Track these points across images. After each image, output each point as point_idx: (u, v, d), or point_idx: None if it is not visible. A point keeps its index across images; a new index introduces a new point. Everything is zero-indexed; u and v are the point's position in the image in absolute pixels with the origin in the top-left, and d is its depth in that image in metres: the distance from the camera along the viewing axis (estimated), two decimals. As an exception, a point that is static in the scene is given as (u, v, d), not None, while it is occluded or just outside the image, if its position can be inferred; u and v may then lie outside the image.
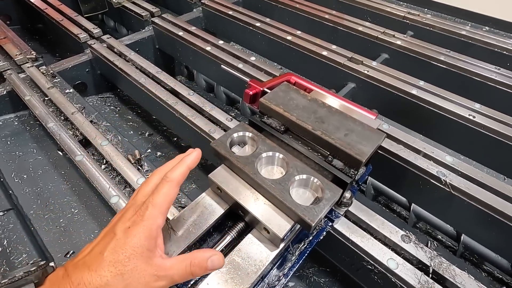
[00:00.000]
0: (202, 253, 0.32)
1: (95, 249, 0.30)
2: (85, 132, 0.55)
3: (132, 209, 0.32)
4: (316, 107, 0.39)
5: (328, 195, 0.32)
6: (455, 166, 0.50)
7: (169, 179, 0.32)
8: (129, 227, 0.30)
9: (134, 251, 0.29)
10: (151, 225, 0.30)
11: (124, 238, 0.30)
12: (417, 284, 0.36)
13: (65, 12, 0.88)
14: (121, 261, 0.29)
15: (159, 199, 0.31)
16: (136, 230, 0.30)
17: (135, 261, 0.29)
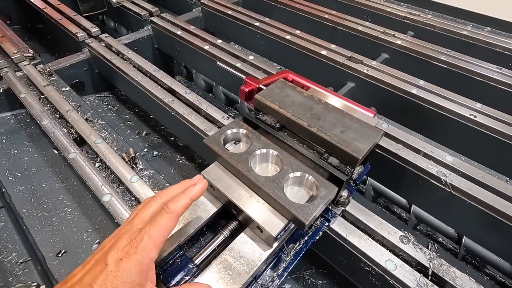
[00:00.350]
0: None
1: (85, 279, 0.29)
2: (79, 130, 0.55)
3: (127, 236, 0.30)
4: (312, 104, 0.38)
5: (323, 193, 0.31)
6: (456, 166, 0.48)
7: (169, 210, 0.31)
8: (121, 258, 0.29)
9: (124, 286, 0.28)
10: (144, 259, 0.29)
11: (115, 271, 0.28)
12: (416, 287, 0.35)
13: (64, 11, 0.88)
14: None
15: (156, 231, 0.30)
16: (128, 263, 0.29)
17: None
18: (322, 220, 0.39)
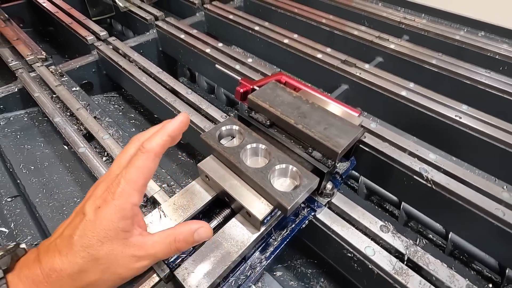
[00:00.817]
0: (188, 226, 0.30)
1: (66, 232, 0.27)
2: (88, 126, 0.59)
3: (104, 184, 0.28)
4: (300, 104, 0.42)
5: (305, 182, 0.35)
6: (438, 163, 0.52)
7: (145, 149, 0.28)
8: (99, 206, 0.27)
9: (107, 234, 0.26)
10: (124, 204, 0.27)
11: (94, 219, 0.26)
12: (392, 270, 0.39)
13: (74, 15, 0.93)
14: (93, 245, 0.26)
15: (133, 174, 0.27)
16: (107, 210, 0.26)
17: (110, 245, 0.26)
18: (308, 210, 0.43)
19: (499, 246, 0.49)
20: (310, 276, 0.55)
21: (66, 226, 0.28)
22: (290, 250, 0.58)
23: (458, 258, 0.67)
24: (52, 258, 0.26)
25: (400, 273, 0.38)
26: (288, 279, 0.53)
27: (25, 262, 0.27)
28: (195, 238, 0.30)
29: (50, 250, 0.27)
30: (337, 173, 0.48)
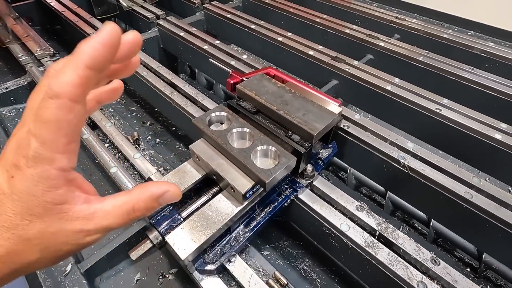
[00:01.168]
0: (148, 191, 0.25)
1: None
2: (92, 116, 0.64)
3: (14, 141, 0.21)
4: (283, 93, 0.46)
5: (283, 161, 0.39)
6: (415, 151, 0.55)
7: (52, 92, 0.19)
8: (12, 176, 0.20)
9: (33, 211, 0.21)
10: (45, 172, 0.20)
11: (11, 193, 0.20)
12: (363, 243, 0.43)
13: (80, 14, 0.99)
14: (17, 225, 0.21)
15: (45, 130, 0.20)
16: (23, 182, 0.20)
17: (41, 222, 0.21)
18: (291, 190, 0.47)
19: (471, 229, 0.53)
20: (295, 256, 0.59)
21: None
22: (278, 232, 0.62)
23: (441, 246, 0.70)
24: None
25: (370, 246, 0.42)
26: (274, 258, 0.57)
27: None
28: (160, 203, 0.25)
29: None
30: (319, 159, 0.52)
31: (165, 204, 0.26)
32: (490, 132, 0.60)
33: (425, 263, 0.40)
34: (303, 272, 0.56)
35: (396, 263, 0.41)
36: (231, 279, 0.40)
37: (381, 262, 0.41)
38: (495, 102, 0.71)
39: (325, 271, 0.56)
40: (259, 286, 0.38)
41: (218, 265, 0.38)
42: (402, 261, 0.41)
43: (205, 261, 0.39)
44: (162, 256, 0.53)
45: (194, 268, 0.38)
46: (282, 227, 0.63)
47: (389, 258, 0.41)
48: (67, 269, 0.43)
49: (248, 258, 0.43)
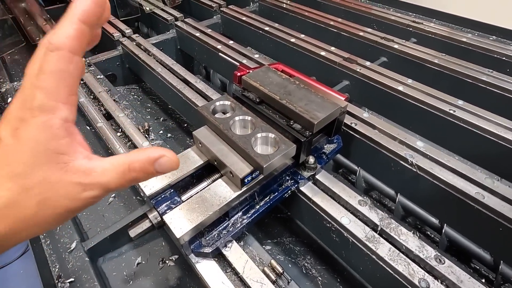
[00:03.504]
0: (145, 153, 0.25)
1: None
2: (107, 107, 0.67)
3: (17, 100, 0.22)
4: (287, 84, 0.47)
5: (282, 147, 0.39)
6: (425, 150, 0.54)
7: (52, 46, 0.21)
8: (17, 127, 0.22)
9: (36, 158, 0.22)
10: (50, 121, 0.22)
11: (15, 143, 0.22)
12: (364, 237, 0.41)
13: (105, 16, 1.04)
14: (20, 174, 0.21)
15: (48, 81, 0.21)
16: (29, 130, 0.21)
17: (42, 171, 0.22)
18: (292, 182, 0.47)
19: (483, 233, 0.50)
20: (297, 253, 0.58)
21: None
22: (281, 228, 0.61)
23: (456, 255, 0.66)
24: None
25: (371, 240, 0.41)
26: (275, 253, 0.57)
27: None
28: (156, 168, 0.25)
29: None
30: (324, 153, 0.52)
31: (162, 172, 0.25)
32: (507, 134, 0.57)
33: (428, 261, 0.39)
34: (304, 269, 0.55)
35: (397, 259, 0.39)
36: (227, 265, 0.40)
37: (381, 258, 0.40)
38: (515, 105, 0.68)
39: (327, 270, 0.55)
40: (254, 272, 0.38)
41: (214, 248, 0.39)
42: (404, 257, 0.39)
43: (201, 244, 0.39)
44: (163, 243, 0.54)
45: (191, 250, 0.39)
46: (285, 223, 0.62)
47: (390, 254, 0.40)
48: (72, 246, 0.45)
49: (245, 246, 0.43)
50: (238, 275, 0.38)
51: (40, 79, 0.21)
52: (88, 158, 0.24)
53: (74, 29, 0.22)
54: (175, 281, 0.49)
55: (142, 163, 0.25)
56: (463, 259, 0.65)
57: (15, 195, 0.21)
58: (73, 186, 0.23)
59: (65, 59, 0.22)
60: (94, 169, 0.24)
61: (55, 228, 0.21)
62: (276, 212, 0.63)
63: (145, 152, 0.25)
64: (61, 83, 0.22)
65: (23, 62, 1.03)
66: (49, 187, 0.22)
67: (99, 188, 0.24)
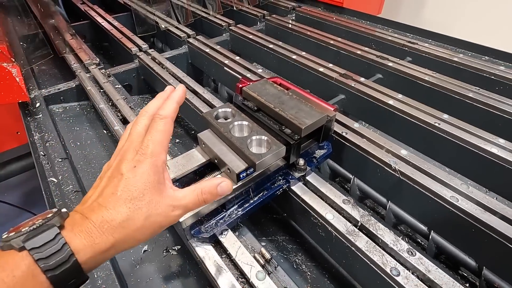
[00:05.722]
0: (211, 181, 0.35)
1: (106, 191, 0.30)
2: (124, 113, 0.75)
3: (132, 150, 0.32)
4: (281, 95, 0.53)
5: (274, 148, 0.45)
6: (408, 158, 0.59)
7: (162, 116, 0.34)
8: (134, 166, 0.31)
9: (146, 186, 0.30)
10: (156, 161, 0.32)
11: (133, 176, 0.30)
12: (345, 231, 0.46)
13: (124, 32, 1.15)
14: (136, 197, 0.30)
15: (158, 136, 0.33)
16: (143, 167, 0.31)
17: (150, 195, 0.31)
18: (284, 181, 0.53)
19: (459, 236, 0.54)
20: (290, 250, 0.62)
21: (103, 188, 0.31)
22: (276, 228, 0.66)
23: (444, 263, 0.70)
24: (99, 213, 0.29)
25: (351, 233, 0.46)
26: (269, 249, 0.62)
27: (73, 221, 0.29)
28: (218, 190, 0.35)
29: (95, 208, 0.29)
30: (314, 157, 0.57)
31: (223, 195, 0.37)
32: (487, 146, 0.62)
33: (401, 253, 0.43)
34: (295, 264, 0.60)
35: (373, 250, 0.44)
36: (223, 251, 0.46)
37: (359, 249, 0.44)
38: (499, 121, 0.73)
39: (317, 266, 0.59)
40: (245, 256, 0.43)
41: (211, 235, 0.44)
42: (379, 249, 0.44)
43: (200, 230, 0.45)
44: (168, 234, 0.60)
45: (191, 235, 0.45)
46: (280, 224, 0.67)
47: (367, 246, 0.45)
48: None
49: (239, 236, 0.48)
50: (231, 258, 0.43)
51: (153, 135, 0.33)
52: (173, 189, 0.34)
53: (174, 107, 0.37)
54: (177, 268, 0.54)
55: (209, 187, 0.35)
56: (451, 266, 0.69)
57: (132, 212, 0.30)
58: (166, 206, 0.32)
59: (169, 124, 0.35)
60: (178, 195, 0.34)
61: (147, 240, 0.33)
62: (272, 213, 0.69)
63: (211, 180, 0.36)
64: (165, 137, 0.34)
65: (49, 72, 1.14)
66: (152, 207, 0.31)
67: (182, 208, 0.34)
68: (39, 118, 0.79)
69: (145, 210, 0.30)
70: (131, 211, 0.30)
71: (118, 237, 0.29)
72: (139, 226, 0.30)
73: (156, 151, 0.32)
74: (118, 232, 0.29)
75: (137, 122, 0.36)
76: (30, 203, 1.55)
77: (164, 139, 0.33)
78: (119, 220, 0.29)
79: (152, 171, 0.31)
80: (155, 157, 0.32)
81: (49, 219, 0.28)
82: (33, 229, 0.27)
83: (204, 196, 0.35)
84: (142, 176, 0.31)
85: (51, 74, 1.14)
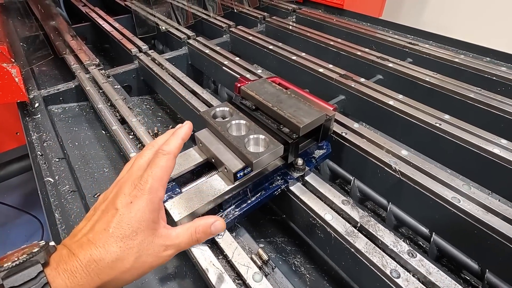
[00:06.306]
0: (205, 220, 0.35)
1: (97, 226, 0.29)
2: (122, 113, 0.74)
3: (130, 183, 0.31)
4: (280, 94, 0.53)
5: (271, 147, 0.44)
6: (408, 158, 0.58)
7: (165, 151, 0.33)
8: (131, 202, 0.30)
9: (140, 224, 0.29)
10: (154, 198, 0.31)
11: (128, 213, 0.29)
12: (344, 232, 0.45)
13: (124, 33, 1.15)
14: (128, 236, 0.29)
15: (159, 172, 0.32)
16: (139, 204, 0.30)
17: (142, 235, 0.30)
18: (282, 181, 0.52)
19: (461, 237, 0.53)
20: (288, 252, 0.61)
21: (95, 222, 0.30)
22: (275, 229, 0.65)
23: (446, 266, 0.68)
24: (88, 251, 0.28)
25: (350, 234, 0.45)
26: (268, 251, 0.61)
27: (59, 258, 0.28)
28: (211, 230, 0.36)
29: (83, 244, 0.28)
30: (313, 157, 0.57)
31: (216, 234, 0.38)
32: (488, 146, 0.61)
33: (402, 254, 0.42)
34: (294, 266, 0.58)
35: (373, 252, 0.43)
36: (219, 252, 0.45)
37: (358, 250, 0.43)
38: (501, 121, 0.72)
39: (316, 269, 0.58)
40: (242, 257, 0.42)
41: (207, 235, 0.43)
42: (379, 250, 0.43)
43: (197, 231, 0.44)
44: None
45: (187, 235, 0.44)
46: (279, 225, 0.66)
47: (367, 247, 0.44)
48: (83, 231, 0.50)
49: (236, 237, 0.47)
50: (227, 259, 0.42)
51: (153, 170, 0.32)
52: (166, 228, 0.33)
53: (178, 143, 0.36)
54: (173, 269, 0.53)
55: (203, 226, 0.36)
56: (453, 269, 0.67)
57: (122, 252, 0.29)
58: (158, 247, 0.32)
59: (170, 160, 0.34)
60: (171, 234, 0.33)
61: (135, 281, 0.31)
62: (271, 214, 0.68)
63: (205, 219, 0.37)
64: (165, 173, 0.33)
65: (49, 72, 1.14)
66: (143, 247, 0.30)
67: (175, 247, 0.33)
68: (38, 118, 0.79)
69: (136, 250, 0.29)
70: (122, 251, 0.28)
71: (104, 278, 0.28)
72: (128, 267, 0.29)
73: (154, 187, 0.31)
74: (105, 273, 0.28)
75: (142, 155, 0.35)
76: (29, 204, 1.55)
77: (164, 176, 0.32)
78: (107, 261, 0.28)
79: (148, 209, 0.30)
80: (152, 194, 0.31)
81: (34, 254, 0.26)
82: (15, 265, 0.26)
83: (197, 236, 0.35)
84: (137, 214, 0.30)
85: (51, 75, 1.14)
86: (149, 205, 0.30)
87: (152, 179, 0.31)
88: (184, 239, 0.34)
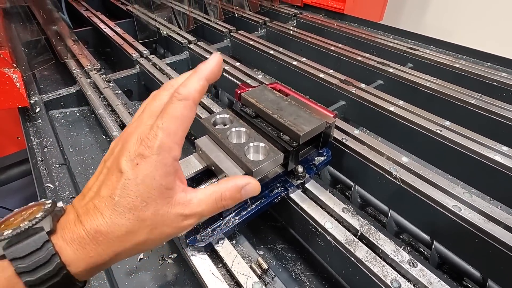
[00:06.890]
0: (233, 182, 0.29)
1: (103, 191, 0.25)
2: (123, 118, 0.74)
3: (137, 136, 0.25)
4: (280, 101, 0.53)
5: (271, 155, 0.44)
6: (408, 165, 0.58)
7: (181, 96, 0.25)
8: (137, 163, 0.24)
9: (151, 193, 0.25)
10: (165, 160, 0.25)
11: (134, 177, 0.24)
12: (344, 240, 0.45)
13: (126, 38, 1.16)
14: (137, 206, 0.24)
15: (171, 124, 0.25)
16: (147, 168, 0.24)
17: (155, 205, 0.25)
18: (282, 189, 0.52)
19: (463, 246, 0.53)
20: (288, 259, 0.61)
21: (101, 184, 0.26)
22: (275, 236, 0.65)
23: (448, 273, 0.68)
24: (94, 220, 0.24)
25: (351, 243, 0.45)
26: (267, 258, 0.60)
27: (66, 224, 0.25)
28: (242, 194, 0.29)
29: (89, 210, 0.25)
30: (314, 165, 0.57)
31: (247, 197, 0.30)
32: (490, 153, 0.60)
33: (402, 264, 0.42)
34: (294, 274, 0.58)
35: (373, 261, 0.43)
36: (219, 261, 0.45)
37: (359, 259, 0.43)
38: (502, 127, 0.72)
39: (316, 276, 0.58)
40: (241, 266, 0.42)
41: (207, 243, 0.43)
42: (379, 259, 0.43)
43: (196, 239, 0.44)
44: (164, 243, 0.59)
45: (187, 244, 0.44)
46: (279, 232, 0.66)
47: (367, 256, 0.43)
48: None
49: (236, 245, 0.47)
50: (227, 268, 0.42)
51: (164, 121, 0.25)
52: (185, 191, 0.28)
53: (200, 85, 0.27)
54: (173, 277, 0.53)
55: (231, 191, 0.30)
56: (455, 276, 0.67)
57: (132, 225, 0.25)
58: (175, 217, 0.27)
59: (189, 108, 0.26)
60: (191, 200, 0.28)
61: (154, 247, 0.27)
62: (271, 221, 0.68)
63: (233, 181, 0.30)
64: (180, 127, 0.26)
65: (51, 77, 1.14)
66: (158, 219, 0.26)
67: (196, 217, 0.28)
68: (38, 123, 0.79)
69: (149, 223, 0.25)
70: (132, 224, 0.24)
71: (117, 250, 0.25)
72: (142, 240, 0.26)
73: (166, 145, 0.25)
74: (116, 245, 0.25)
75: (156, 96, 0.28)
76: (30, 208, 1.55)
77: (179, 129, 0.25)
78: (117, 234, 0.24)
79: (158, 174, 0.24)
80: (163, 154, 0.25)
81: (39, 219, 0.23)
82: (17, 233, 0.22)
83: (224, 203, 0.29)
84: (145, 180, 0.24)
85: (53, 79, 1.14)
86: (160, 169, 0.24)
87: (163, 134, 0.25)
88: (207, 207, 0.28)
